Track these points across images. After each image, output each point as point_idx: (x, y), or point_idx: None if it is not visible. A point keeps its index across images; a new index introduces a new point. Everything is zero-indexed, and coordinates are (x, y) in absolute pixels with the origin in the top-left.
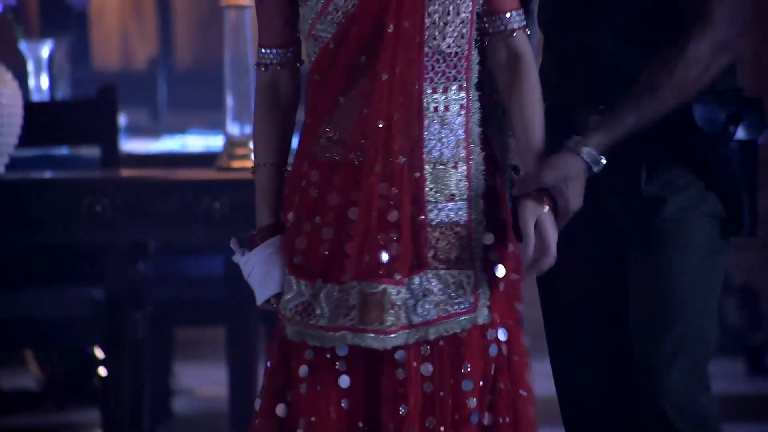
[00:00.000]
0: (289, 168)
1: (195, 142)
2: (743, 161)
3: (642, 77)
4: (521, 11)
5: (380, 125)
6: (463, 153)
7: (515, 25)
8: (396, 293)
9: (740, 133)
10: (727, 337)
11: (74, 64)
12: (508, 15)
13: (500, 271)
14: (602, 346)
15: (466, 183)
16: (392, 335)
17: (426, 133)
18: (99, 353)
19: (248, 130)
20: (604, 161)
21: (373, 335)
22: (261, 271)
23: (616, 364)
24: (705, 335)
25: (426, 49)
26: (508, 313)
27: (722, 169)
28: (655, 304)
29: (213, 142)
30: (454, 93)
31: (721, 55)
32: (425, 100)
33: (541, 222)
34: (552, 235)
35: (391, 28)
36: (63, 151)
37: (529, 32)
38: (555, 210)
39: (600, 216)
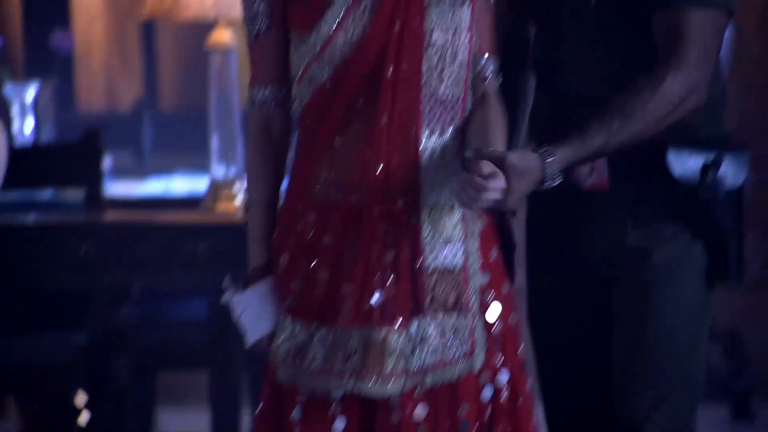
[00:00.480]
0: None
1: (180, 184)
2: (727, 208)
3: (616, 102)
4: (495, 58)
5: (379, 168)
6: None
7: (488, 72)
8: (396, 339)
9: (721, 181)
10: (711, 382)
11: (59, 106)
12: (483, 60)
13: (493, 312)
14: (588, 393)
15: (462, 226)
16: (390, 383)
17: (422, 176)
18: (81, 400)
19: (233, 171)
20: (558, 181)
21: (372, 382)
22: (253, 311)
23: (601, 410)
24: (691, 384)
25: (423, 92)
26: (508, 357)
27: (706, 219)
28: (640, 353)
29: (198, 183)
30: (451, 137)
31: (690, 97)
32: (423, 143)
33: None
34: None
35: (390, 71)
36: (47, 194)
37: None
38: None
39: (586, 264)
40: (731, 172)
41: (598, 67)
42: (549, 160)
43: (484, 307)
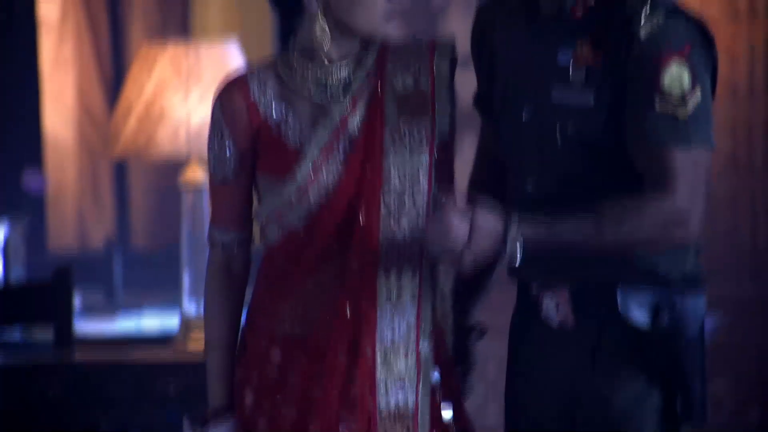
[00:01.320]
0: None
1: (151, 322)
2: (687, 349)
3: (596, 210)
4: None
5: (348, 310)
6: (413, 337)
7: None
8: None
9: (679, 322)
10: None
11: (30, 246)
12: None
13: None
14: None
15: (416, 368)
16: None
17: (380, 316)
18: None
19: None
20: (517, 262)
21: None
22: None
23: None
24: None
25: (381, 236)
26: None
27: (665, 360)
28: None
29: (169, 321)
30: (407, 277)
31: (673, 230)
32: (380, 284)
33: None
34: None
35: (362, 218)
36: (15, 334)
37: None
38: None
39: (553, 400)
40: (691, 313)
41: (566, 202)
42: (513, 228)
43: None
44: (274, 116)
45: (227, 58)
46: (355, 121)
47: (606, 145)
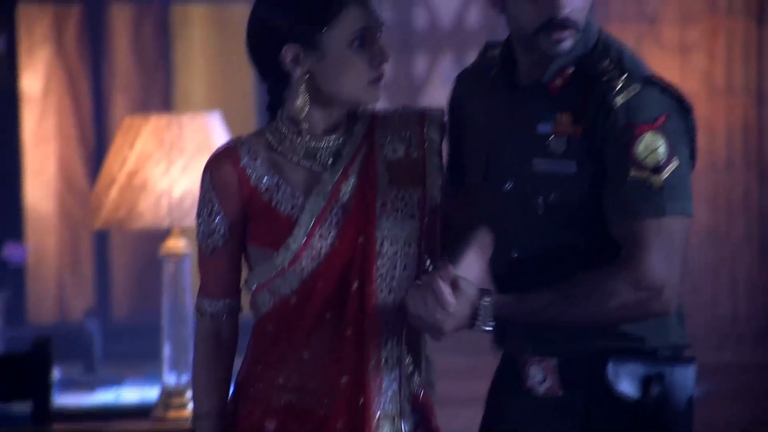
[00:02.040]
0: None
1: (131, 394)
2: (675, 422)
3: (569, 281)
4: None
5: (344, 379)
6: (408, 405)
7: None
8: None
9: (666, 395)
10: None
11: (9, 318)
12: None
13: None
14: None
15: None
16: None
17: (377, 386)
18: None
19: (185, 379)
20: (487, 329)
21: None
22: None
23: None
24: None
25: (376, 302)
26: None
27: None
28: None
29: (149, 393)
30: (397, 346)
31: (647, 302)
32: (375, 353)
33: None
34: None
35: (355, 285)
36: None
37: None
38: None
39: None
40: (679, 385)
41: (546, 269)
42: (485, 300)
43: None
44: (265, 183)
45: (210, 129)
46: (347, 189)
47: (589, 213)
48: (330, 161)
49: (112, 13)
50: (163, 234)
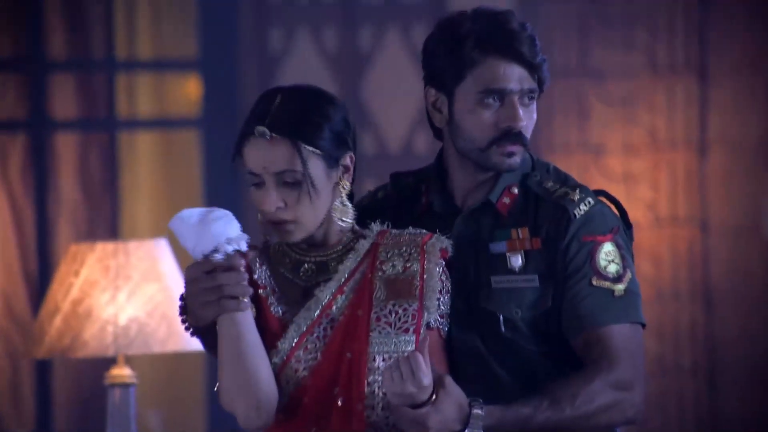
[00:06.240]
0: None
1: None
2: None
3: (551, 386)
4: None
5: None
6: None
7: None
8: None
9: None
10: None
11: None
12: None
13: None
14: None
15: None
16: None
17: None
18: None
19: None
20: None
21: None
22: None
23: None
24: None
25: (367, 420)
26: None
27: None
28: None
29: None
30: None
31: (622, 403)
32: None
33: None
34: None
35: (340, 401)
36: None
37: None
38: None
39: None
40: None
41: (511, 382)
42: (476, 408)
43: None
44: (265, 286)
45: (156, 256)
46: (340, 301)
47: (556, 324)
48: (326, 277)
49: (58, 140)
50: (109, 362)
